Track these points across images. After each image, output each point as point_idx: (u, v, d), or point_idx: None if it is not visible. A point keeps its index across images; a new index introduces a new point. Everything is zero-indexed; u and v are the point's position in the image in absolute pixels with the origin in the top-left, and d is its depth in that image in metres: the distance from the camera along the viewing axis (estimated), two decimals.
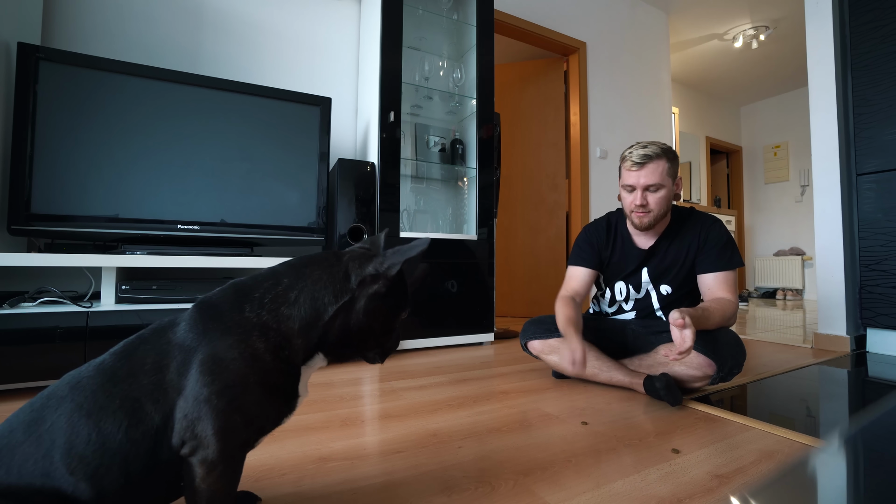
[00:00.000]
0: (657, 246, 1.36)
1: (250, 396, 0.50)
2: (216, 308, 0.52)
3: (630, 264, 1.40)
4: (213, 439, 0.47)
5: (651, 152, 1.23)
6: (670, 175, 1.25)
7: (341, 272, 0.56)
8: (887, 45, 1.97)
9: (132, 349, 0.50)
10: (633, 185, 1.26)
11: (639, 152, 1.24)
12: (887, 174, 1.96)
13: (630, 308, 1.45)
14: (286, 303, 0.54)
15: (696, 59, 4.57)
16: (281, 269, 0.57)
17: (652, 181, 1.23)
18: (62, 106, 1.43)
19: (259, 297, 0.53)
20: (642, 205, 1.25)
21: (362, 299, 0.56)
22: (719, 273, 1.27)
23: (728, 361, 1.18)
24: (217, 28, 2.02)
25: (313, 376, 1.48)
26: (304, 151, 1.82)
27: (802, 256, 5.08)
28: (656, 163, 1.23)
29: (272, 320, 0.52)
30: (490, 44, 2.24)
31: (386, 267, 0.56)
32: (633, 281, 1.42)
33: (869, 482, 0.37)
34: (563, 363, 1.33)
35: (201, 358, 0.49)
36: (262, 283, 0.55)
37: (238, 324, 0.51)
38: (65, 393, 0.47)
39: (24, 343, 1.20)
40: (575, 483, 0.76)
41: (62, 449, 0.44)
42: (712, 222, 1.33)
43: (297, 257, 0.59)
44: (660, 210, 1.26)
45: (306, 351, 0.55)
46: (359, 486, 0.75)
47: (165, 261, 1.43)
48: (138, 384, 0.47)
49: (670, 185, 1.26)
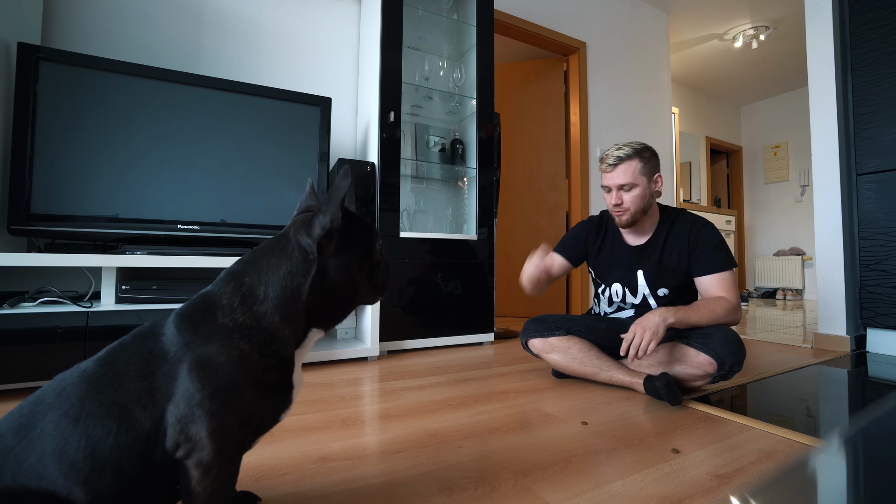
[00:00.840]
0: (648, 245, 1.39)
1: (244, 397, 0.50)
2: (192, 318, 0.52)
3: (621, 260, 1.43)
4: (207, 441, 0.47)
5: (623, 154, 1.29)
6: (644, 174, 1.30)
7: (295, 249, 0.55)
8: (887, 45, 1.97)
9: (114, 356, 0.50)
10: (608, 185, 1.33)
11: (613, 154, 1.31)
12: (887, 174, 1.96)
13: (629, 309, 1.45)
14: (257, 301, 0.53)
15: (696, 59, 4.57)
16: (237, 268, 0.56)
17: (625, 181, 1.29)
18: (62, 106, 1.43)
19: (227, 303, 0.53)
20: (618, 203, 1.31)
21: (329, 260, 0.55)
22: (714, 275, 1.28)
23: (728, 360, 1.18)
24: (217, 28, 2.02)
25: (313, 377, 1.48)
26: (304, 151, 1.82)
27: (802, 256, 5.08)
28: (628, 163, 1.29)
29: (249, 320, 0.52)
30: (490, 44, 2.24)
31: (329, 220, 0.54)
32: (629, 284, 1.43)
33: (869, 482, 0.37)
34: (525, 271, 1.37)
35: (188, 365, 0.48)
36: (225, 287, 0.54)
37: (216, 331, 0.51)
38: (52, 399, 0.47)
39: (24, 343, 1.20)
40: (575, 483, 0.76)
41: (53, 455, 0.44)
42: (703, 224, 1.34)
43: (248, 252, 0.57)
44: (636, 208, 1.31)
45: (297, 336, 0.55)
46: (359, 486, 0.75)
47: (165, 261, 1.43)
48: (124, 390, 0.47)
49: (645, 184, 1.30)
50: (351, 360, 1.74)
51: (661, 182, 1.34)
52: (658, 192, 1.35)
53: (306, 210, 0.61)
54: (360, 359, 1.76)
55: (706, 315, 1.21)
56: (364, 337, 1.81)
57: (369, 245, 0.60)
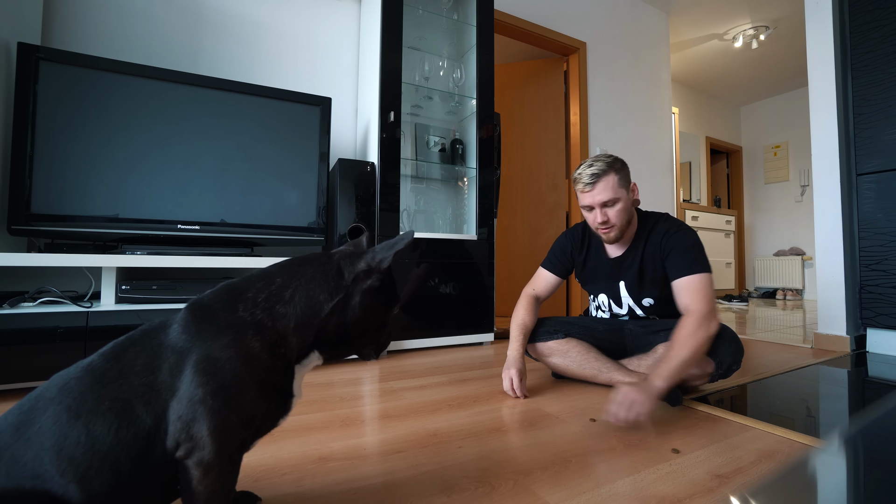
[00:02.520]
0: (626, 255, 1.36)
1: (247, 396, 0.49)
2: (209, 309, 0.52)
3: (603, 272, 1.41)
4: (208, 440, 0.47)
5: (598, 170, 1.24)
6: (622, 186, 1.25)
7: (334, 269, 0.57)
8: (887, 45, 1.97)
9: (121, 350, 0.49)
10: (590, 204, 1.27)
11: (587, 172, 1.25)
12: (887, 174, 1.96)
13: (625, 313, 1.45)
14: (281, 301, 0.54)
15: (696, 59, 4.57)
16: (273, 269, 0.57)
17: (607, 196, 1.24)
18: (62, 106, 1.43)
19: (252, 296, 0.53)
20: (604, 221, 1.26)
21: (357, 295, 0.57)
22: (684, 278, 1.19)
23: (727, 358, 1.19)
24: (217, 28, 2.02)
25: (313, 376, 1.48)
26: (304, 151, 1.82)
27: (802, 256, 5.08)
28: (605, 179, 1.24)
29: (267, 318, 0.52)
30: (490, 44, 2.24)
31: (378, 261, 0.57)
32: (613, 295, 1.42)
33: (869, 482, 0.37)
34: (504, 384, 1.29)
35: (195, 359, 0.48)
36: (256, 283, 0.55)
37: (232, 324, 0.51)
38: (53, 394, 0.47)
39: (24, 343, 1.20)
40: (575, 483, 0.76)
41: (51, 451, 0.44)
42: (678, 227, 1.28)
43: (288, 258, 0.59)
44: (621, 222, 1.27)
45: (301, 349, 0.55)
46: (359, 486, 0.75)
47: (165, 261, 1.43)
48: (128, 385, 0.47)
49: (625, 196, 1.26)
50: (351, 360, 1.74)
51: (637, 190, 1.32)
52: (637, 200, 1.32)
53: (354, 247, 0.63)
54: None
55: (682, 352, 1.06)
56: None
57: (390, 305, 0.62)
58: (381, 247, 0.58)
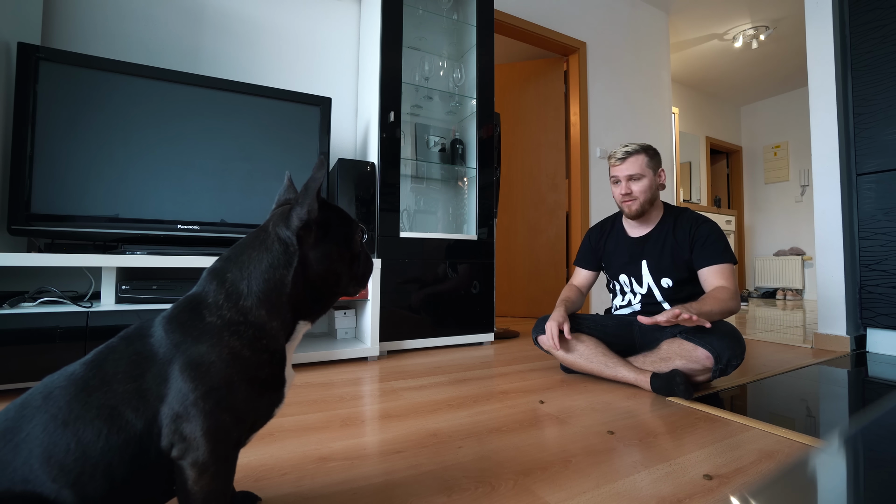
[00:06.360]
0: (650, 235, 1.46)
1: (238, 395, 0.50)
2: (179, 320, 0.52)
3: (624, 252, 1.51)
4: (202, 441, 0.47)
5: (631, 149, 1.43)
6: (650, 167, 1.43)
7: (274, 241, 0.55)
8: (887, 45, 1.97)
9: (102, 359, 0.49)
10: (617, 176, 1.44)
11: (622, 149, 1.44)
12: (887, 174, 1.96)
13: (637, 301, 1.49)
14: (241, 296, 0.53)
15: (696, 59, 4.57)
16: (218, 265, 0.56)
17: (633, 171, 1.41)
18: (62, 106, 1.43)
19: (213, 301, 0.53)
20: (627, 193, 1.42)
21: (309, 251, 0.56)
22: (714, 266, 1.33)
23: (725, 354, 1.21)
24: (217, 28, 2.02)
25: (313, 376, 1.48)
26: (303, 151, 1.82)
27: (802, 256, 5.08)
28: (636, 157, 1.42)
29: (237, 316, 0.52)
30: (490, 44, 2.24)
31: (307, 211, 0.54)
32: (634, 273, 1.49)
33: (869, 482, 0.37)
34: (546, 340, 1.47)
35: (180, 366, 0.48)
36: (209, 286, 0.54)
37: (205, 330, 0.50)
38: (38, 403, 0.46)
39: (24, 343, 1.20)
40: (575, 483, 0.76)
41: (40, 458, 0.43)
42: (705, 220, 1.42)
43: (228, 249, 0.58)
44: (644, 197, 1.42)
45: (286, 329, 0.55)
46: (359, 486, 0.75)
47: (165, 261, 1.43)
48: (114, 392, 0.47)
49: (651, 176, 1.43)
50: (351, 360, 1.74)
51: (664, 176, 1.46)
52: (662, 184, 1.46)
53: (284, 203, 0.61)
54: (360, 359, 1.76)
55: (715, 305, 1.24)
56: (364, 337, 1.81)
57: (349, 235, 0.60)
58: (302, 194, 0.55)
